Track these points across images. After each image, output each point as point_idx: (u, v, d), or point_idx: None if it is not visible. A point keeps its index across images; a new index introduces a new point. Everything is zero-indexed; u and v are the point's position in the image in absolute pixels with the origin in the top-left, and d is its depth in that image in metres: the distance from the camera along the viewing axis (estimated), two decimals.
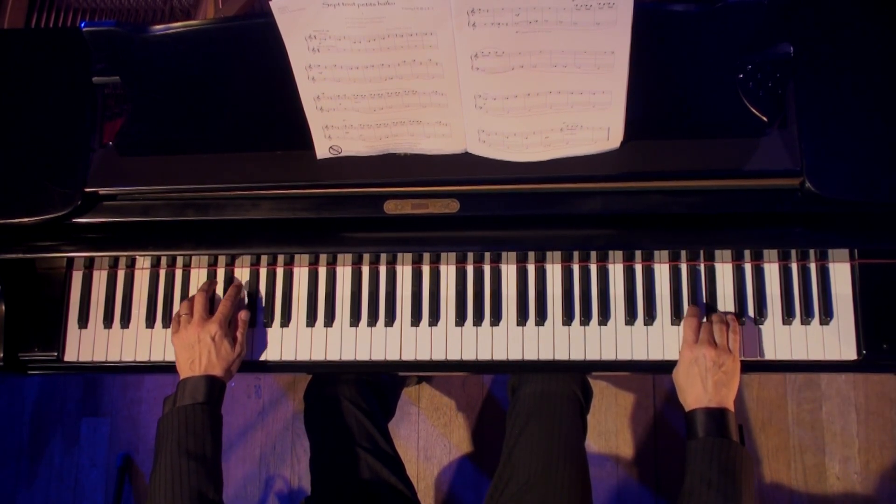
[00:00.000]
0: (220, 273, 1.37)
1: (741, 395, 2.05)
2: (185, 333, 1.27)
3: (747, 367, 1.29)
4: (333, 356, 1.33)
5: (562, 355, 1.30)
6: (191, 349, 1.25)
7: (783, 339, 1.28)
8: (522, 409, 1.39)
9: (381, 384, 1.54)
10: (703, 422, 1.17)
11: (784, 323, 1.28)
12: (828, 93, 1.15)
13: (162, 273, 1.38)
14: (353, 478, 1.36)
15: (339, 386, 1.43)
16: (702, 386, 1.20)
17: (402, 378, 1.90)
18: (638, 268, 1.32)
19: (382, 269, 1.35)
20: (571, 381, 1.43)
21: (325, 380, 1.45)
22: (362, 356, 1.33)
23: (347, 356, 1.33)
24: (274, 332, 1.35)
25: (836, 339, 1.27)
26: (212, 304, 1.33)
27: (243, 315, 1.32)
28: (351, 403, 1.42)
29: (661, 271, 1.32)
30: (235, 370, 1.30)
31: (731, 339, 1.24)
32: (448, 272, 1.34)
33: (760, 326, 1.29)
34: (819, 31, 1.17)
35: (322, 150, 1.18)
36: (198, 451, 1.16)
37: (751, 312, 1.29)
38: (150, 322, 1.37)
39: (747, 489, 1.14)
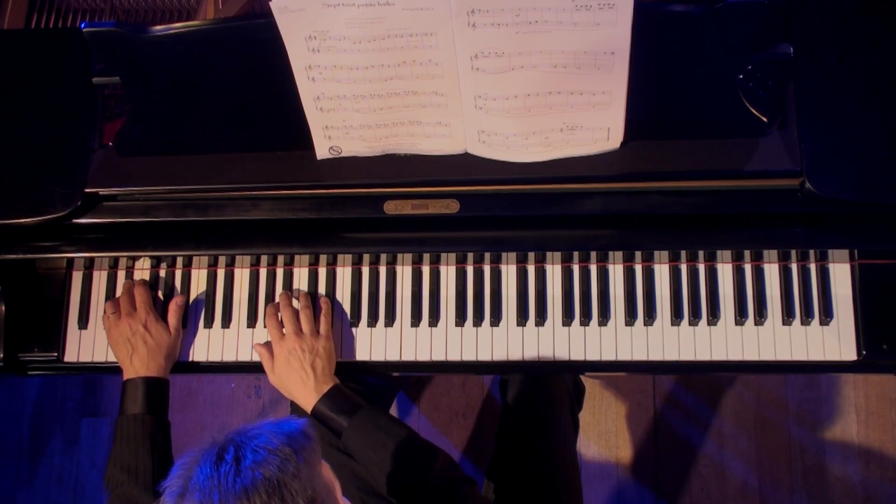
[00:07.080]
0: (220, 273, 1.37)
1: (741, 395, 2.05)
2: (117, 330, 1.29)
3: (749, 367, 1.29)
4: None
5: (562, 356, 1.30)
6: (126, 343, 1.28)
7: (783, 340, 1.28)
8: (513, 408, 1.38)
9: (369, 389, 1.52)
10: (332, 409, 1.21)
11: (784, 323, 1.28)
12: (828, 93, 1.15)
13: (162, 273, 1.37)
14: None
15: None
16: (304, 376, 1.22)
17: (398, 381, 1.89)
18: (638, 268, 1.32)
19: (382, 270, 1.35)
20: (562, 379, 1.42)
21: None
22: (362, 356, 1.33)
23: (347, 357, 1.33)
24: None
25: (836, 340, 1.27)
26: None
27: (178, 300, 1.33)
28: None
29: (661, 271, 1.31)
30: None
31: (322, 323, 1.27)
32: (448, 272, 1.34)
33: (760, 327, 1.29)
34: (819, 30, 1.17)
35: (322, 151, 1.18)
36: (130, 464, 1.20)
37: (751, 313, 1.29)
38: None
39: (402, 426, 1.23)
